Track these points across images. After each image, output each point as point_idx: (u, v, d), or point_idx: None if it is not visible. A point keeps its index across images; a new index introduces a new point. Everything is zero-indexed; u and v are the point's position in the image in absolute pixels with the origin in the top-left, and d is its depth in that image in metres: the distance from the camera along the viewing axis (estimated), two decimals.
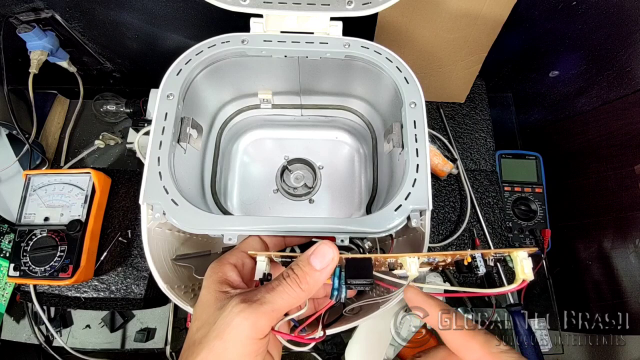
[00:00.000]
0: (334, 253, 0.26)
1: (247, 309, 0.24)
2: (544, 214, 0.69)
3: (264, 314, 0.24)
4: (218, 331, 0.24)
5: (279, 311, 0.25)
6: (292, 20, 0.43)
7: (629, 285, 0.61)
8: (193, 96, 0.43)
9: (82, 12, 0.55)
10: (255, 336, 0.24)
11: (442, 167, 0.61)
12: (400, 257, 0.27)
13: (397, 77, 0.40)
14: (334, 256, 0.26)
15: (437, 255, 0.27)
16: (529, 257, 0.25)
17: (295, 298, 0.25)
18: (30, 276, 0.49)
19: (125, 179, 0.59)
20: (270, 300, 0.25)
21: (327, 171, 0.54)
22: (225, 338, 0.23)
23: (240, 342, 0.23)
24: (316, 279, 0.26)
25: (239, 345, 0.23)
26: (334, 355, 0.60)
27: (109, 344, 0.60)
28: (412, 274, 0.27)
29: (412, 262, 0.27)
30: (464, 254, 0.27)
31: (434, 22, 0.53)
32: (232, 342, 0.23)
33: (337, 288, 0.28)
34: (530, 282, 0.25)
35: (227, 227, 0.34)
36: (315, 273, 0.26)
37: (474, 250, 0.27)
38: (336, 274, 0.28)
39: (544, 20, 0.57)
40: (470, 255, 0.27)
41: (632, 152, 0.61)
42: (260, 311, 0.24)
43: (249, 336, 0.24)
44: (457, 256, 0.27)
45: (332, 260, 0.26)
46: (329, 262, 0.26)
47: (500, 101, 0.79)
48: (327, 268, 0.26)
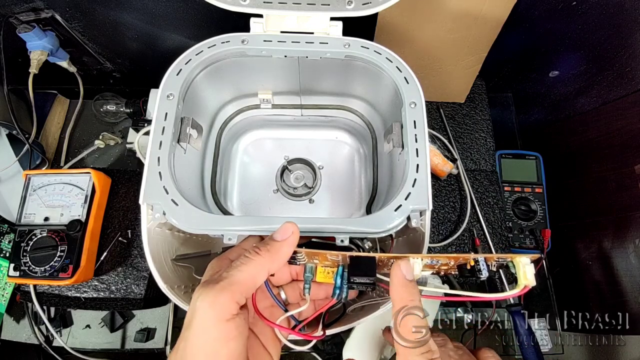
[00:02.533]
0: (294, 227, 0.28)
1: (204, 291, 0.24)
2: (544, 214, 0.69)
3: (221, 291, 0.24)
4: (187, 321, 0.24)
5: (239, 284, 0.25)
6: (292, 20, 0.43)
7: (629, 285, 0.61)
8: (193, 96, 0.43)
9: (82, 12, 0.55)
10: (220, 317, 0.23)
11: (442, 167, 0.61)
12: (404, 257, 0.27)
13: (397, 77, 0.40)
14: (294, 230, 0.28)
15: (441, 258, 0.27)
16: (532, 264, 0.25)
17: (256, 267, 0.26)
18: (30, 276, 0.49)
19: (125, 179, 0.59)
20: (226, 277, 0.25)
21: (327, 171, 0.54)
22: (192, 325, 0.23)
23: (204, 327, 0.23)
24: (277, 248, 0.27)
25: (205, 330, 0.23)
26: (334, 355, 0.60)
27: (109, 344, 0.60)
28: (415, 275, 0.27)
29: (416, 263, 0.27)
30: (467, 257, 0.27)
31: (434, 22, 0.53)
32: (198, 328, 0.23)
33: (340, 287, 0.28)
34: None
35: (227, 227, 0.34)
36: (276, 243, 0.27)
37: (477, 255, 0.27)
38: (339, 272, 0.28)
39: (544, 20, 0.57)
40: (473, 259, 0.27)
41: (632, 152, 0.62)
42: (216, 289, 0.24)
43: (213, 318, 0.23)
44: (460, 259, 0.27)
45: (293, 234, 0.28)
46: (289, 235, 0.28)
47: (500, 101, 0.79)
48: (288, 239, 0.28)
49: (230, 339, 0.23)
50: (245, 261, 0.26)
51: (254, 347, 0.30)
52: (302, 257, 0.30)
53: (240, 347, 0.24)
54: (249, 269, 0.26)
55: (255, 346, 0.30)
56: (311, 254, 0.29)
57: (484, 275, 0.27)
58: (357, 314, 0.37)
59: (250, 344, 0.29)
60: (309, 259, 0.30)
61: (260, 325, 0.31)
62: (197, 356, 0.23)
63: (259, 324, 0.31)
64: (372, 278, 0.27)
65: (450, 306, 0.65)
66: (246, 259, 0.26)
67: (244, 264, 0.26)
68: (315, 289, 0.32)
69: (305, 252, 0.29)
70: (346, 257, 0.28)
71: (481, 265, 0.27)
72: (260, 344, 0.30)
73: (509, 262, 0.27)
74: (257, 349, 0.30)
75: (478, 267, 0.27)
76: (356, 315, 0.36)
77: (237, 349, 0.24)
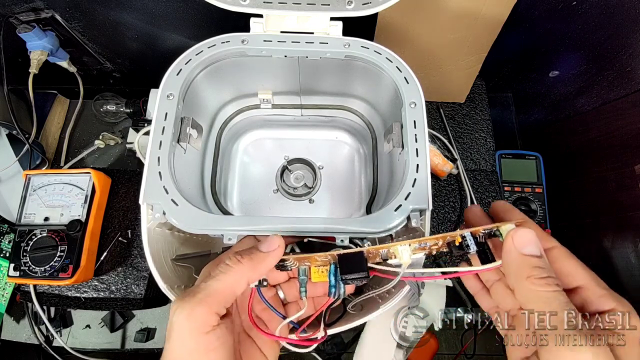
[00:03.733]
0: (280, 241, 0.28)
1: (181, 304, 0.23)
2: (544, 214, 0.69)
3: (198, 303, 0.23)
4: (167, 334, 0.23)
5: (217, 295, 0.24)
6: (292, 20, 0.43)
7: (629, 285, 0.61)
8: (193, 96, 0.43)
9: (82, 12, 0.55)
10: (197, 329, 0.23)
11: (442, 167, 0.61)
12: (392, 246, 0.28)
13: (397, 77, 0.40)
14: (280, 244, 0.28)
15: (429, 240, 0.27)
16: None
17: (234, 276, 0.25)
18: (30, 276, 0.49)
19: (125, 179, 0.59)
20: (203, 288, 0.24)
21: (327, 171, 0.54)
22: (171, 338, 0.23)
23: (183, 340, 0.23)
24: (261, 258, 0.27)
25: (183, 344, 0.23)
26: (334, 355, 0.60)
27: (109, 344, 0.60)
28: (405, 261, 0.27)
29: (404, 250, 0.27)
30: (453, 235, 0.27)
31: (434, 22, 0.53)
32: (176, 342, 0.23)
33: (334, 285, 0.28)
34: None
35: (227, 227, 0.34)
36: (260, 254, 0.27)
37: (463, 230, 0.27)
38: (331, 271, 0.28)
39: (544, 20, 0.57)
40: (460, 235, 0.27)
41: (632, 152, 0.61)
42: (193, 302, 0.23)
43: (190, 329, 0.23)
44: (447, 237, 0.27)
45: (279, 247, 0.28)
46: (275, 248, 0.27)
47: (500, 101, 0.79)
48: (274, 252, 0.27)
49: (210, 350, 0.23)
50: (224, 269, 0.25)
51: (249, 351, 0.29)
52: (291, 263, 0.29)
53: (223, 356, 0.24)
54: (228, 278, 0.25)
55: (252, 350, 0.29)
56: (300, 259, 0.29)
57: (472, 249, 0.27)
58: (357, 314, 0.37)
59: (246, 348, 0.29)
60: (300, 263, 0.30)
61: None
62: None
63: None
64: (364, 272, 0.27)
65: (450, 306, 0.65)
66: (226, 267, 0.26)
67: (222, 273, 0.25)
68: (313, 288, 0.32)
69: (294, 258, 0.29)
70: (335, 256, 0.28)
71: (468, 240, 0.27)
72: (257, 347, 0.30)
73: (497, 232, 0.27)
74: (254, 353, 0.29)
75: (466, 242, 0.27)
76: (357, 315, 0.36)
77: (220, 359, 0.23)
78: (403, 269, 0.28)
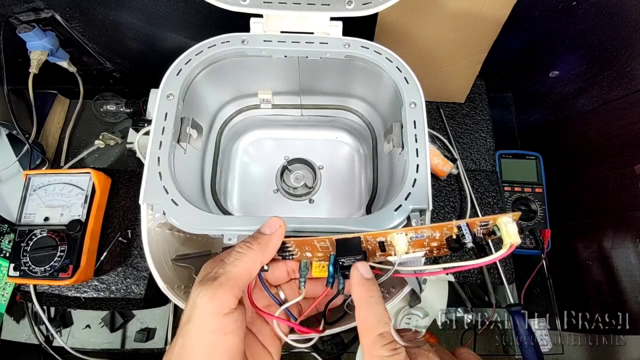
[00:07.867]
0: (280, 221, 0.30)
1: (204, 288, 0.25)
2: (544, 214, 0.69)
3: (220, 286, 0.25)
4: (187, 316, 0.25)
5: (236, 279, 0.26)
6: (292, 20, 0.43)
7: (629, 285, 0.61)
8: (193, 96, 0.43)
9: (82, 12, 0.55)
10: (219, 311, 0.25)
11: (442, 167, 0.61)
12: (388, 233, 0.28)
13: (397, 77, 0.40)
14: (280, 224, 0.30)
15: (424, 229, 0.27)
16: (514, 222, 0.26)
17: (248, 261, 0.27)
18: (30, 276, 0.49)
19: (125, 179, 0.59)
20: (222, 273, 0.26)
21: (327, 171, 0.54)
22: (193, 319, 0.25)
23: (205, 320, 0.25)
24: (266, 240, 0.29)
25: (205, 323, 0.25)
26: (334, 355, 0.60)
27: (109, 344, 0.60)
28: (400, 248, 0.27)
29: (400, 238, 0.27)
30: (449, 224, 0.27)
31: (434, 22, 0.53)
32: (198, 321, 0.25)
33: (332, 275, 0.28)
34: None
35: (227, 227, 0.34)
36: (265, 236, 0.29)
37: (459, 220, 0.27)
38: (331, 261, 0.29)
39: (544, 20, 0.57)
40: (456, 226, 0.27)
41: (632, 152, 0.61)
42: (215, 284, 0.25)
43: (212, 312, 0.25)
44: (444, 228, 0.27)
45: (280, 227, 0.29)
46: (277, 228, 0.29)
47: (500, 101, 0.79)
48: (276, 232, 0.29)
49: (228, 332, 0.25)
50: (238, 256, 0.27)
51: (252, 345, 0.30)
52: (292, 248, 0.30)
53: (237, 341, 0.25)
54: (243, 263, 0.27)
55: (254, 344, 0.30)
56: (300, 243, 0.30)
57: (468, 240, 0.27)
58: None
59: (249, 343, 0.30)
60: (300, 249, 0.30)
61: (258, 325, 0.31)
62: (196, 349, 0.24)
63: (256, 322, 0.31)
64: (359, 257, 0.28)
65: (450, 306, 0.65)
66: (239, 253, 0.28)
67: (237, 259, 0.27)
68: (313, 286, 0.32)
69: (294, 241, 0.29)
70: (333, 241, 0.29)
71: (464, 231, 0.27)
72: (259, 342, 0.30)
73: (494, 227, 0.27)
74: (256, 347, 0.30)
75: (461, 233, 0.27)
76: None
77: (234, 343, 0.25)
78: (399, 258, 0.28)
